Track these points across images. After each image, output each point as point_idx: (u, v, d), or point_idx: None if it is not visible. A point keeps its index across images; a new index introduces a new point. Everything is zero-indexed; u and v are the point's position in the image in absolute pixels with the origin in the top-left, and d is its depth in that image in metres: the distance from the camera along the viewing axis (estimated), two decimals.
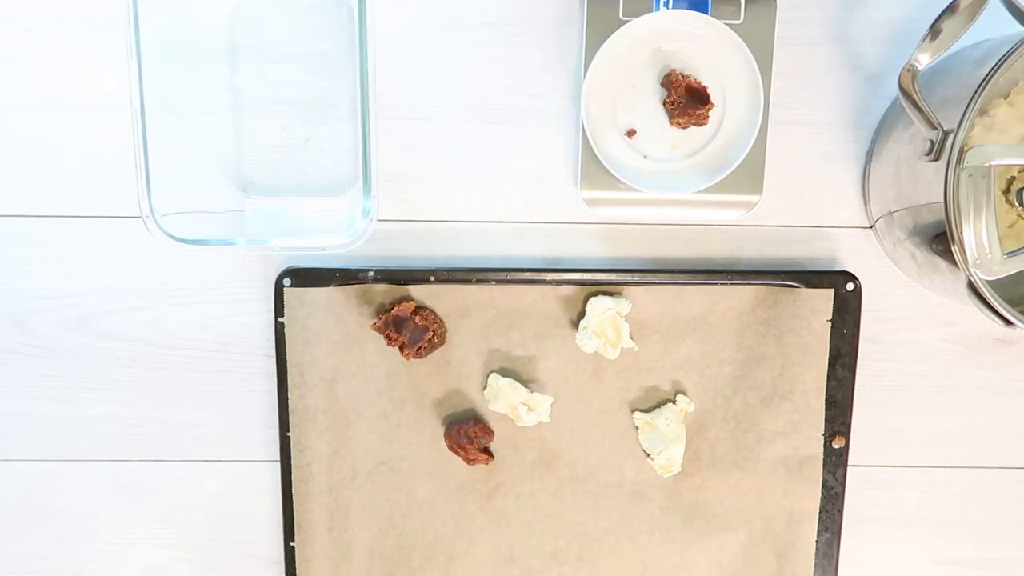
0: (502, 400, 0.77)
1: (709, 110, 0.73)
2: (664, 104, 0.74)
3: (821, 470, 0.79)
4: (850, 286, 0.76)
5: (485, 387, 0.78)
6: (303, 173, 0.77)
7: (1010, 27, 0.61)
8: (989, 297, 0.61)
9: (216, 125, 0.76)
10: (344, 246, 0.70)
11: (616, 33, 0.72)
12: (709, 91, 0.73)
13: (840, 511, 0.80)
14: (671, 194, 0.74)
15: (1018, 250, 0.60)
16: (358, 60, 0.67)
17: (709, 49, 0.73)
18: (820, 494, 0.79)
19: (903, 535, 0.83)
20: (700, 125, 0.74)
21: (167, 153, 0.68)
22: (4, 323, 0.79)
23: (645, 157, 0.75)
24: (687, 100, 0.73)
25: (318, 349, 0.77)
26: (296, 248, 0.73)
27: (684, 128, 0.74)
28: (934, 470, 0.82)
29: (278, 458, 0.79)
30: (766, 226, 0.78)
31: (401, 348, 0.76)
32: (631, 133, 0.75)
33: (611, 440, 0.79)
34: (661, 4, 0.73)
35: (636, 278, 0.77)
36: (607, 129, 0.74)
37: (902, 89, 0.62)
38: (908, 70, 0.61)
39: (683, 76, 0.73)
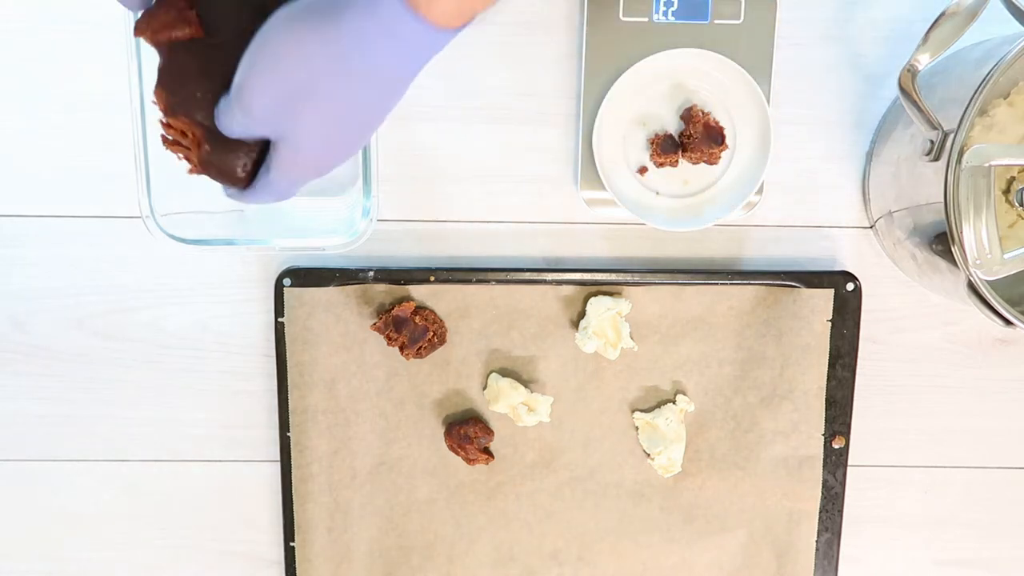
0: (502, 400, 0.77)
1: (722, 151, 0.74)
2: (680, 136, 0.74)
3: (821, 470, 0.79)
4: (850, 286, 0.76)
5: (485, 387, 0.78)
6: None
7: (1010, 27, 0.61)
8: (989, 297, 0.61)
9: None
10: (344, 246, 0.70)
11: (628, 72, 0.72)
12: (726, 133, 0.73)
13: (840, 511, 0.80)
14: (683, 228, 0.75)
15: (1018, 250, 0.60)
16: None
17: (722, 88, 0.74)
18: (820, 494, 0.79)
19: (903, 535, 0.83)
20: (711, 164, 0.74)
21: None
22: (4, 323, 0.79)
23: (657, 194, 0.75)
24: (703, 137, 0.73)
25: (318, 349, 0.77)
26: (296, 248, 0.73)
27: (695, 163, 0.74)
28: (934, 470, 0.82)
29: (278, 458, 0.79)
30: (766, 226, 0.78)
31: (401, 348, 0.75)
32: (643, 171, 0.75)
33: (611, 440, 0.79)
34: (661, 4, 0.73)
35: (636, 278, 0.77)
36: (618, 167, 0.75)
37: (902, 89, 0.62)
38: (908, 70, 0.61)
39: (704, 113, 0.73)
